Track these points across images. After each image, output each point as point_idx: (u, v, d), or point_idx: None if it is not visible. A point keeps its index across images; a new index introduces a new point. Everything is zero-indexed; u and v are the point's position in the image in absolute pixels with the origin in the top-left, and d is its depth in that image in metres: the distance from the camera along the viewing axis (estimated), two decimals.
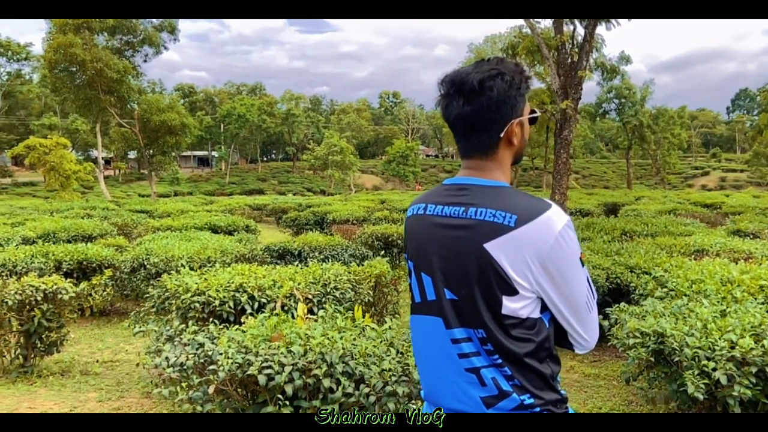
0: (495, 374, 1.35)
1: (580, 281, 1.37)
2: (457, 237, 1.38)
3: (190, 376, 2.64)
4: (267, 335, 2.86)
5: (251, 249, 8.00)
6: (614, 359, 5.67)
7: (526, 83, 1.44)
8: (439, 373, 1.43)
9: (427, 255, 1.44)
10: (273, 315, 3.16)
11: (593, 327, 1.44)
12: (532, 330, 1.36)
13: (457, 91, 1.41)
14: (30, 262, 7.01)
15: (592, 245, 7.68)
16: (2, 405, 4.35)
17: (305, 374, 2.61)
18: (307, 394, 2.63)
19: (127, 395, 4.73)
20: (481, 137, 1.43)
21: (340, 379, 2.61)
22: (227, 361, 2.59)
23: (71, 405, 4.42)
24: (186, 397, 2.59)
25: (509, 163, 1.49)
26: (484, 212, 1.35)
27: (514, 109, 1.42)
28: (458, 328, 1.38)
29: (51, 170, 38.73)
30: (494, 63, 1.42)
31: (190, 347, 2.82)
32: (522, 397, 1.34)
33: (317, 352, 2.69)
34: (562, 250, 1.32)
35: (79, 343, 6.40)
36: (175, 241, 8.26)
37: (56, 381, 5.06)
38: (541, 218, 1.32)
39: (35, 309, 4.93)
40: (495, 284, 1.33)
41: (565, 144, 12.13)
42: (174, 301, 4.23)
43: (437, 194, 1.48)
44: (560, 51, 11.64)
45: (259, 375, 2.54)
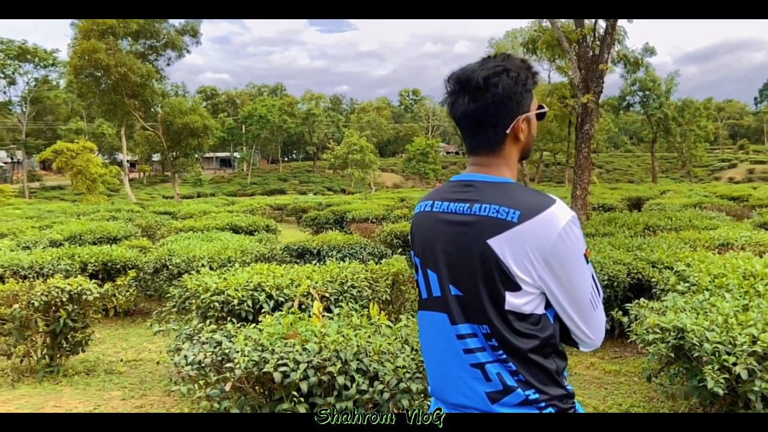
0: (500, 369, 1.35)
1: (584, 278, 1.36)
2: (462, 233, 1.38)
3: (208, 374, 2.68)
4: (283, 333, 2.89)
5: (271, 249, 8.08)
6: (635, 355, 5.59)
7: (533, 79, 1.44)
8: (445, 368, 1.44)
9: (433, 251, 1.45)
10: (289, 313, 3.19)
11: (598, 325, 1.42)
12: (537, 326, 1.36)
13: (462, 89, 1.41)
14: (57, 264, 7.18)
15: (614, 240, 7.58)
16: (29, 404, 4.47)
17: (320, 371, 2.63)
18: (322, 392, 2.65)
19: (149, 393, 4.82)
20: (487, 134, 1.43)
21: (354, 376, 2.63)
22: (244, 359, 2.63)
23: (95, 403, 4.52)
24: (204, 395, 2.63)
25: (516, 159, 1.49)
26: (488, 208, 1.36)
27: (520, 105, 1.42)
28: (463, 324, 1.39)
29: (78, 174, 39.55)
30: (500, 60, 1.42)
31: (207, 345, 2.87)
32: (527, 393, 1.34)
33: (332, 349, 2.71)
34: (565, 246, 1.32)
35: (104, 343, 6.54)
36: (196, 241, 8.38)
37: (81, 380, 5.18)
38: (544, 214, 1.32)
39: (61, 310, 5.05)
40: (498, 280, 1.33)
41: (586, 138, 11.97)
42: (194, 300, 4.30)
43: (444, 191, 1.49)
44: (581, 44, 11.48)
45: (274, 372, 2.57)
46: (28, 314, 4.93)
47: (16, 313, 4.89)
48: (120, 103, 37.72)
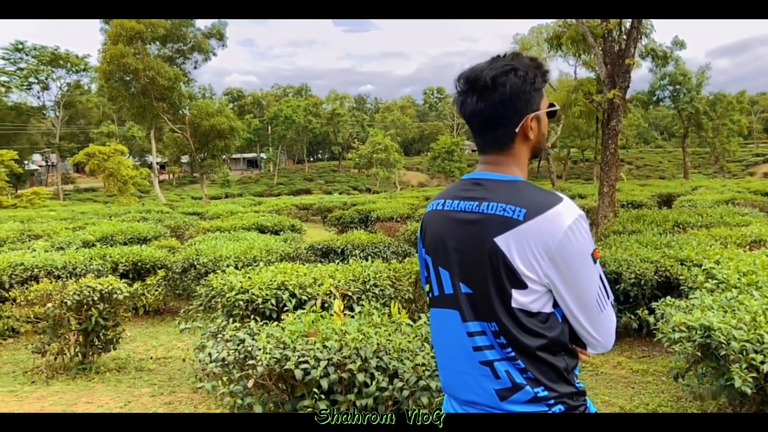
0: (508, 367, 1.36)
1: (590, 278, 1.35)
2: (471, 231, 1.40)
3: (231, 371, 2.74)
4: (304, 331, 2.93)
5: (296, 248, 8.16)
6: (663, 355, 5.50)
7: (542, 78, 1.44)
8: (456, 365, 1.46)
9: (444, 249, 1.46)
10: (311, 312, 3.24)
11: (606, 327, 1.40)
12: (545, 324, 1.36)
13: (471, 88, 1.42)
14: (89, 264, 7.38)
15: (642, 238, 7.46)
16: (62, 400, 4.61)
17: (340, 369, 2.66)
18: (343, 389, 2.68)
19: (178, 390, 4.92)
20: (496, 133, 1.44)
21: (374, 373, 2.65)
22: (266, 357, 2.68)
23: (126, 400, 4.65)
24: (227, 391, 2.69)
25: (526, 157, 1.49)
26: (495, 206, 1.37)
27: (529, 104, 1.42)
28: (473, 322, 1.40)
29: (110, 176, 40.55)
30: (509, 59, 1.42)
31: (231, 343, 2.93)
32: (536, 390, 1.35)
33: (352, 347, 2.74)
34: (570, 244, 1.32)
35: (135, 341, 6.70)
36: (223, 241, 8.52)
37: (113, 377, 5.32)
38: (550, 212, 1.32)
39: (93, 308, 5.20)
40: (505, 277, 1.34)
41: (613, 134, 11.76)
42: (219, 299, 4.38)
43: (455, 189, 1.51)
44: (606, 39, 11.28)
45: (295, 369, 2.61)
46: (61, 313, 5.09)
47: (50, 311, 5.05)
48: (149, 106, 38.53)
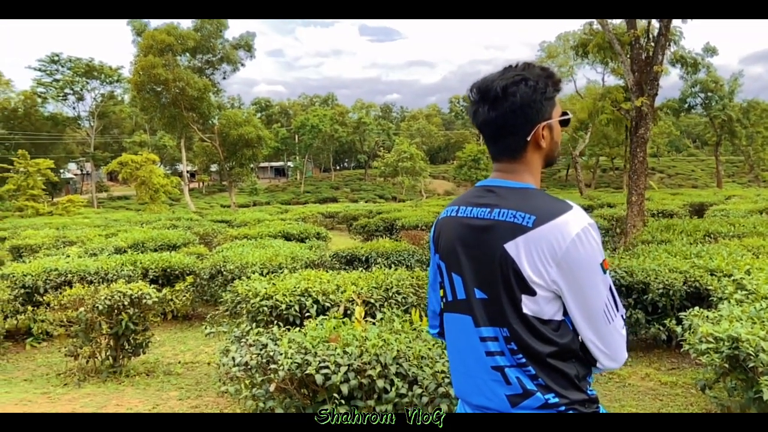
0: (519, 374, 1.37)
1: (596, 287, 1.35)
2: (482, 237, 1.42)
3: (254, 375, 2.80)
4: (325, 337, 2.97)
5: (320, 255, 8.24)
6: (693, 367, 5.38)
7: (554, 87, 1.46)
8: (468, 369, 1.47)
9: (457, 255, 1.49)
10: (333, 318, 3.28)
11: (614, 340, 1.39)
12: (556, 332, 1.37)
13: (482, 98, 1.46)
14: (120, 270, 7.57)
15: (670, 248, 7.33)
16: (93, 402, 4.74)
17: (360, 374, 2.69)
18: (363, 394, 2.71)
19: (204, 394, 5.01)
20: (507, 141, 1.47)
21: (393, 380, 2.67)
22: (287, 361, 2.72)
23: (154, 403, 4.75)
24: (250, 395, 2.74)
25: (539, 165, 1.51)
26: (506, 213, 1.39)
27: (540, 113, 1.44)
28: (486, 327, 1.42)
29: (142, 184, 41.48)
30: (520, 69, 1.45)
31: (254, 348, 2.98)
32: (546, 396, 1.35)
33: (372, 353, 2.77)
34: (577, 252, 1.33)
35: (164, 346, 6.84)
36: (249, 248, 8.65)
37: (142, 380, 5.44)
38: (559, 219, 1.34)
39: (123, 313, 5.34)
40: (515, 283, 1.35)
41: (641, 142, 11.60)
42: (244, 305, 4.46)
43: (469, 196, 1.53)
44: (634, 46, 11.15)
45: (316, 375, 2.65)
46: (92, 317, 5.24)
47: (82, 315, 5.20)
48: (179, 116, 39.40)
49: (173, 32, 38.65)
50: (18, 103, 59.86)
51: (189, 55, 40.86)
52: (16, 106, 59.73)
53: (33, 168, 41.30)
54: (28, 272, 7.06)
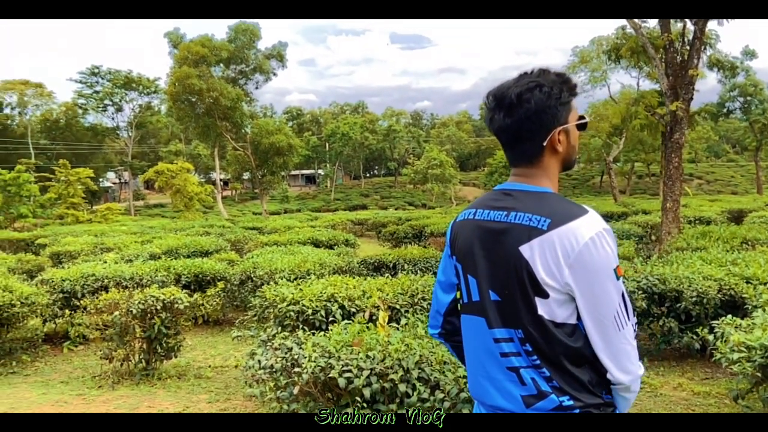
0: (534, 375, 1.38)
1: (607, 292, 1.35)
2: (498, 240, 1.44)
3: (278, 378, 2.85)
4: (349, 341, 3.01)
5: (348, 262, 8.30)
6: (727, 376, 5.22)
7: (569, 92, 1.48)
8: (483, 370, 1.49)
9: (473, 257, 1.51)
10: (357, 323, 3.31)
11: (623, 348, 1.37)
12: (570, 336, 1.38)
13: (497, 105, 1.48)
14: (154, 276, 7.76)
15: (706, 255, 7.14)
16: (126, 404, 4.87)
17: (382, 379, 2.72)
18: (385, 398, 2.73)
19: (233, 398, 5.10)
20: (524, 147, 1.49)
21: (415, 384, 2.69)
22: (311, 365, 2.77)
23: (185, 405, 4.85)
24: (274, 397, 2.79)
25: (556, 169, 1.53)
26: (522, 216, 1.41)
27: (556, 118, 1.46)
28: (500, 329, 1.44)
29: (177, 192, 42.44)
30: (535, 75, 1.47)
31: (279, 351, 3.04)
32: (561, 399, 1.36)
33: (395, 358, 2.79)
34: (590, 256, 1.33)
35: (195, 350, 6.98)
36: (279, 255, 8.76)
37: (173, 383, 5.57)
38: (573, 223, 1.35)
39: (156, 317, 5.48)
40: (529, 286, 1.37)
41: (676, 148, 11.36)
42: (272, 310, 4.53)
43: (486, 199, 1.55)
44: (668, 50, 10.94)
45: (339, 378, 2.69)
46: (127, 321, 5.40)
47: (117, 319, 5.36)
48: (212, 125, 40.25)
49: (207, 44, 39.57)
50: (60, 114, 62.09)
51: (223, 66, 41.77)
52: (57, 117, 61.95)
53: (73, 177, 42.69)
54: (66, 277, 7.31)
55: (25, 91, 60.05)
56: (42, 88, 60.48)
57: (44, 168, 49.67)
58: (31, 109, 61.95)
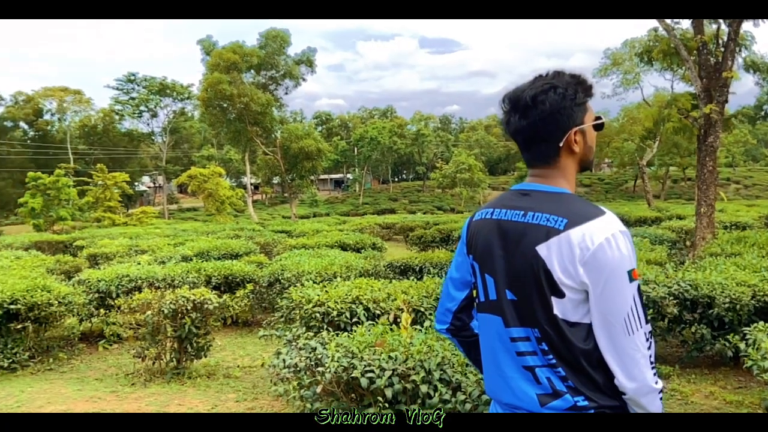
0: (549, 374, 1.40)
1: (619, 294, 1.35)
2: (515, 239, 1.46)
3: (302, 377, 2.90)
4: (372, 342, 3.05)
5: (375, 265, 8.34)
6: (762, 386, 5.08)
7: (584, 93, 1.49)
8: (499, 369, 1.51)
9: (491, 256, 1.53)
10: (381, 324, 3.35)
11: (630, 354, 1.35)
12: (584, 337, 1.38)
13: (513, 108, 1.51)
14: (185, 277, 7.94)
15: (740, 260, 6.96)
16: (157, 401, 5.00)
17: (404, 379, 2.75)
18: (407, 399, 2.76)
19: (260, 397, 5.18)
20: (540, 148, 1.51)
21: (437, 385, 2.71)
22: (334, 364, 2.81)
23: (213, 404, 4.96)
24: (298, 395, 2.85)
25: (573, 170, 1.54)
26: (539, 216, 1.43)
27: (572, 119, 1.48)
28: (516, 328, 1.45)
29: (209, 196, 43.27)
30: (549, 77, 1.49)
31: (304, 351, 3.10)
32: (576, 399, 1.37)
33: (417, 359, 2.82)
34: (604, 256, 1.34)
35: (224, 350, 7.12)
36: (306, 258, 8.87)
37: (203, 382, 5.69)
38: (589, 223, 1.36)
39: (186, 317, 5.62)
40: (545, 285, 1.38)
41: (710, 151, 11.10)
42: (298, 311, 4.61)
43: (503, 199, 1.58)
44: (701, 52, 10.71)
45: (361, 378, 2.73)
46: (159, 320, 5.54)
47: (149, 318, 5.51)
48: (243, 130, 40.97)
49: (238, 50, 40.30)
50: (97, 120, 63.96)
51: (254, 72, 42.47)
52: (95, 123, 63.82)
53: (110, 181, 43.89)
54: (102, 278, 7.54)
55: (64, 98, 62.06)
56: (80, 95, 62.43)
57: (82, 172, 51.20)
58: (70, 115, 63.98)
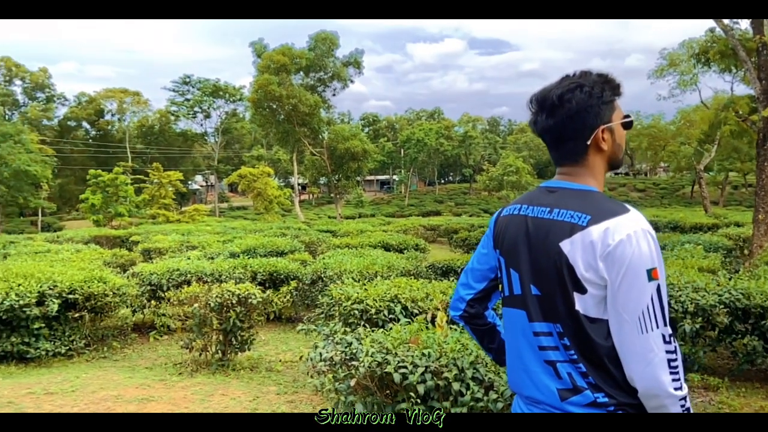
0: (570, 369, 1.41)
1: (635, 290, 1.34)
2: (540, 235, 1.48)
3: (337, 370, 2.98)
4: (406, 339, 3.10)
5: (416, 266, 8.38)
6: None
7: (611, 91, 1.50)
8: (522, 362, 1.53)
9: (516, 252, 1.55)
10: (416, 322, 3.39)
11: (640, 353, 1.33)
12: (605, 333, 1.39)
13: (540, 108, 1.54)
14: (232, 272, 8.20)
15: None
16: (202, 391, 5.20)
17: (437, 376, 2.78)
18: (439, 396, 2.80)
19: (300, 391, 5.31)
20: (567, 146, 1.53)
21: (469, 383, 2.73)
22: (368, 359, 2.88)
23: (255, 395, 5.11)
24: (333, 388, 2.93)
25: (602, 168, 1.55)
26: (564, 213, 1.45)
27: (599, 117, 1.49)
28: (539, 322, 1.48)
29: (258, 195, 44.36)
30: (577, 77, 1.51)
31: (340, 345, 3.17)
32: (596, 395, 1.38)
33: (450, 357, 2.85)
34: (624, 252, 1.34)
35: (267, 345, 7.31)
36: (349, 257, 8.99)
37: (246, 374, 5.87)
38: (612, 219, 1.37)
39: (231, 310, 5.81)
40: (568, 281, 1.40)
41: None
42: (337, 307, 4.70)
43: (532, 196, 1.60)
44: (760, 53, 10.24)
45: (394, 373, 2.78)
46: (205, 313, 5.76)
47: (196, 311, 5.73)
48: (291, 131, 41.81)
49: (287, 53, 41.14)
50: (154, 120, 66.55)
51: (302, 74, 43.24)
52: (152, 124, 66.42)
53: (165, 179, 45.58)
54: (154, 271, 7.87)
55: (124, 99, 64.83)
56: (139, 96, 65.11)
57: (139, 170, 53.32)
58: (129, 115, 66.79)
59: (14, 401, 4.79)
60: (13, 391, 5.08)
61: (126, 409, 4.61)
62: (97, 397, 4.94)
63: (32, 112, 59.74)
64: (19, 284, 6.23)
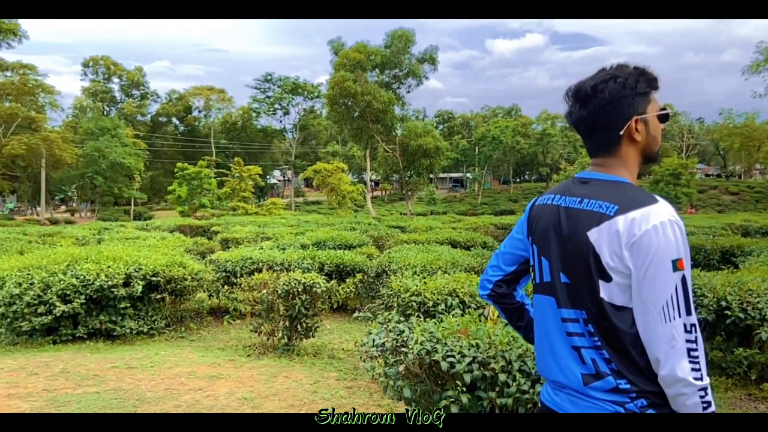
0: (594, 356, 1.44)
1: (661, 281, 1.34)
2: (570, 225, 1.52)
3: (388, 356, 3.08)
4: (456, 330, 3.15)
5: (481, 263, 8.33)
6: None
7: (647, 83, 1.51)
8: (550, 347, 1.58)
9: (548, 240, 1.59)
10: (468, 315, 3.43)
11: (663, 341, 1.34)
12: (630, 321, 1.41)
13: (575, 99, 1.57)
14: (301, 263, 8.51)
15: None
16: (267, 372, 5.47)
17: (484, 367, 2.82)
18: (486, 386, 2.83)
19: (359, 378, 5.47)
20: (601, 136, 1.55)
21: (516, 375, 2.75)
22: (417, 347, 2.96)
23: (315, 379, 5.32)
24: (383, 372, 3.03)
25: (635, 159, 1.56)
26: (593, 203, 1.47)
27: (633, 107, 1.50)
28: (567, 309, 1.51)
29: (331, 191, 45.39)
30: (612, 69, 1.53)
31: (392, 332, 3.27)
32: (618, 381, 1.40)
33: (498, 348, 2.88)
34: (650, 240, 1.35)
35: (332, 333, 7.54)
36: (414, 252, 9.08)
37: (309, 359, 6.11)
38: (640, 209, 1.38)
39: (297, 298, 6.06)
40: (594, 269, 1.43)
41: None
42: (396, 299, 4.80)
43: (565, 186, 1.63)
44: None
45: (442, 362, 2.84)
46: (273, 299, 6.04)
47: (264, 297, 6.02)
48: (365, 127, 42.43)
49: (363, 50, 41.75)
50: (237, 116, 69.51)
51: (378, 71, 43.73)
52: (235, 120, 69.41)
53: (246, 173, 47.57)
54: (229, 259, 8.32)
55: (210, 96, 68.09)
56: (224, 93, 68.19)
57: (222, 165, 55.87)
58: (214, 112, 70.11)
59: (99, 374, 5.25)
60: (98, 364, 5.57)
61: (197, 385, 4.94)
62: (173, 373, 5.32)
63: (128, 108, 64.14)
64: (108, 266, 6.78)
